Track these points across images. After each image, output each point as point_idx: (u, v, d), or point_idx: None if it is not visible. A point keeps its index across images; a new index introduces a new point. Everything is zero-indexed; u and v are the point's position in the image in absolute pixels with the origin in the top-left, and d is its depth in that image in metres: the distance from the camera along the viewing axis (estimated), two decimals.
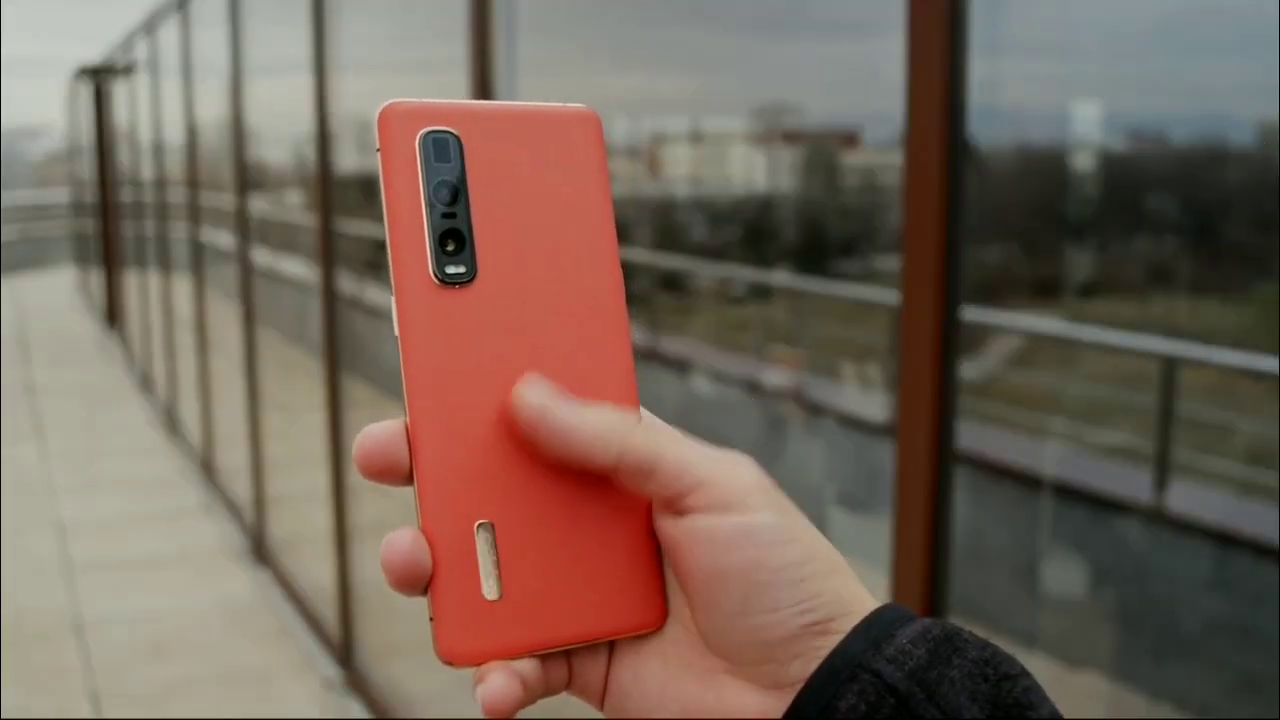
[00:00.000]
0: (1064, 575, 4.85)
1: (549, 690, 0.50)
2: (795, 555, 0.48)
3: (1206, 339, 5.95)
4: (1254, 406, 5.65)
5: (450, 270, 0.49)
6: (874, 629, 0.47)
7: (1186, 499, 5.15)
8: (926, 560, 1.69)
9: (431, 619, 0.48)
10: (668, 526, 0.50)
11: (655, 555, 0.51)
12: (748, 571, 0.47)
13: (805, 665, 0.47)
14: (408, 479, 0.49)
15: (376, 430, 0.49)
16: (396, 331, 0.49)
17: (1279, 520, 4.87)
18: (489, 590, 0.48)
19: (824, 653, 0.47)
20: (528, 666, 0.48)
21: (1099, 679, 4.35)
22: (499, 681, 0.47)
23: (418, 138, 0.50)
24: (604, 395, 0.51)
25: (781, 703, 0.47)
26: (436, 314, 0.49)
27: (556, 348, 0.51)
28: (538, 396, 0.49)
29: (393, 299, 0.49)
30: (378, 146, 0.50)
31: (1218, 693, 4.39)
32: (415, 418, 0.48)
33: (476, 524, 0.48)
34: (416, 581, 0.48)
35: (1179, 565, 4.81)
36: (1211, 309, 6.71)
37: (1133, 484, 5.31)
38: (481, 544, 0.48)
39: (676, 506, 0.49)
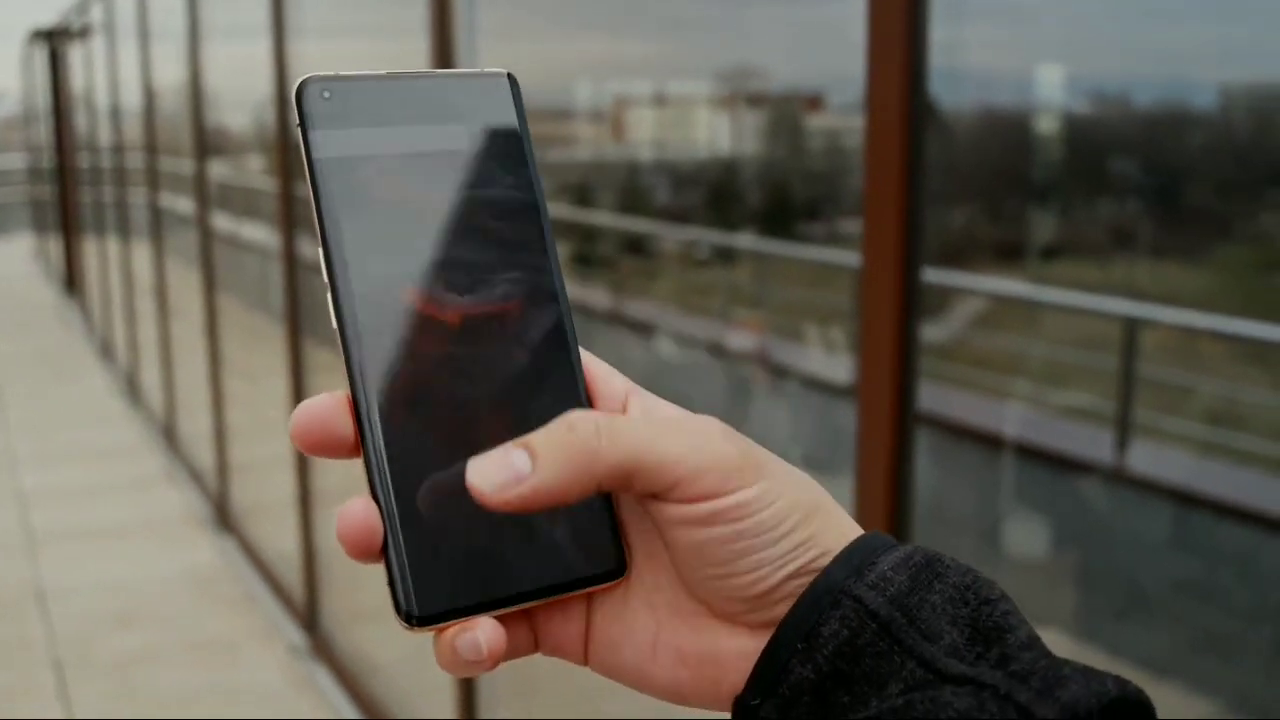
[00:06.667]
0: (1025, 535, 4.89)
1: (514, 653, 0.50)
2: (773, 517, 0.47)
3: (1168, 301, 5.99)
4: (1214, 368, 5.70)
5: None
6: (855, 556, 0.48)
7: (1147, 459, 5.21)
8: (888, 521, 1.69)
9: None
10: (649, 508, 0.49)
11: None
12: (728, 541, 0.47)
13: (791, 604, 0.48)
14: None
15: (314, 403, 0.48)
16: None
17: (1239, 481, 4.93)
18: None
19: None
20: (488, 627, 0.48)
21: (1060, 636, 4.40)
22: (466, 639, 0.47)
23: None
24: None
25: None
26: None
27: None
28: (485, 479, 0.45)
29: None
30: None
31: (1178, 650, 4.44)
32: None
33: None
34: (371, 549, 0.48)
35: (1140, 525, 4.86)
36: (1173, 271, 6.76)
37: (1094, 444, 5.36)
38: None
39: (659, 498, 0.48)
